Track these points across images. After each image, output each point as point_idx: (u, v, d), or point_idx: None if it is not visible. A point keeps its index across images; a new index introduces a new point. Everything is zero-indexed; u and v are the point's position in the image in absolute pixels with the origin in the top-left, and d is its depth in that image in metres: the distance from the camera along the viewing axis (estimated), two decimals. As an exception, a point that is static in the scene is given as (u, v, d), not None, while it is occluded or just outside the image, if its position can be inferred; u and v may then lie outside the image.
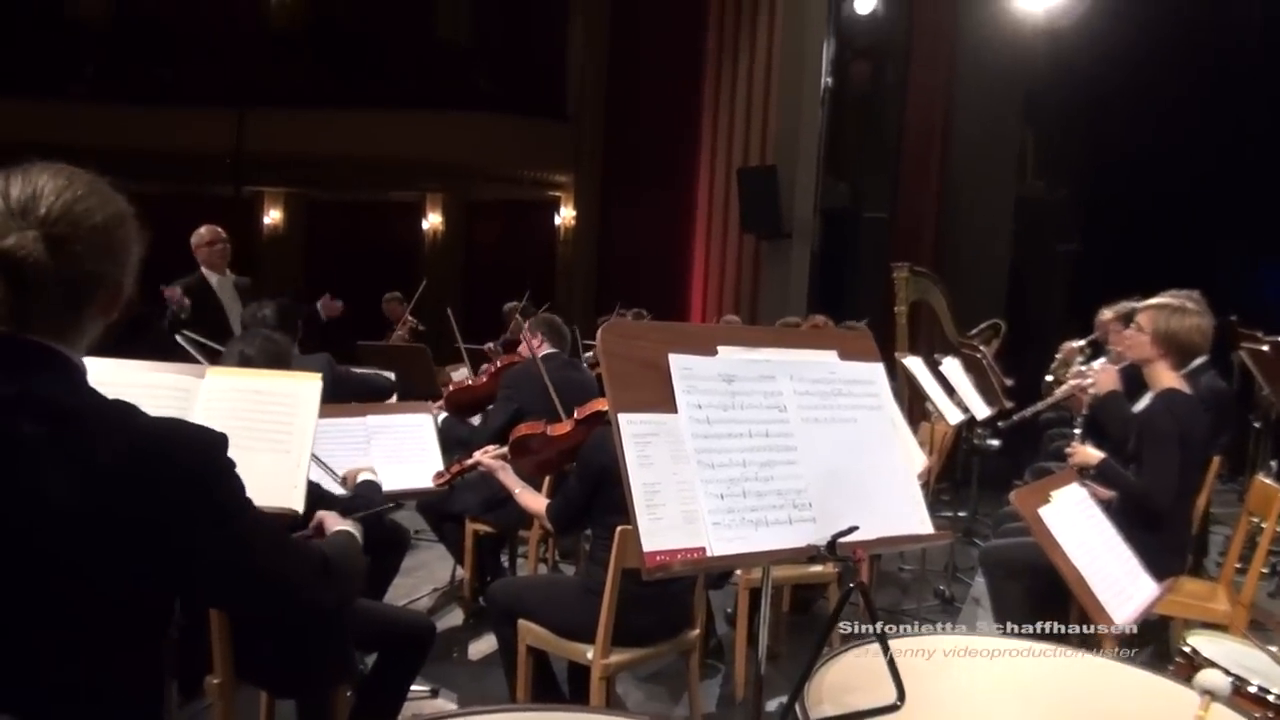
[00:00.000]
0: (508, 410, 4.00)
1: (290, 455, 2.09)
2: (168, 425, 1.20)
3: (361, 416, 3.24)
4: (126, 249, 1.23)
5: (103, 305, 1.22)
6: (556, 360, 4.20)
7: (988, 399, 5.22)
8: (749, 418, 1.50)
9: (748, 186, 9.75)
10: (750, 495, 1.45)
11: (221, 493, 1.21)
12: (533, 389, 3.77)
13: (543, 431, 3.09)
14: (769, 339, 1.62)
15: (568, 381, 3.92)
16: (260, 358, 2.47)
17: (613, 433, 1.39)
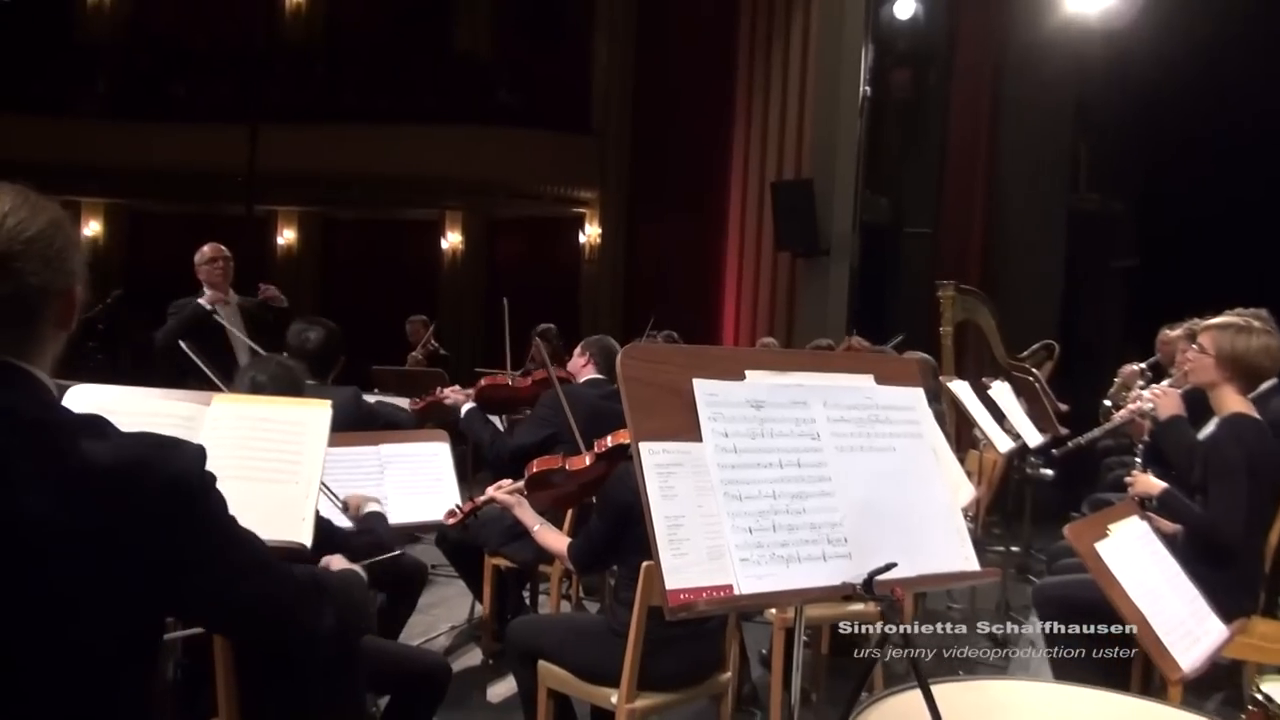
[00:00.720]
0: (541, 432, 3.98)
1: (298, 486, 2.10)
2: (142, 438, 1.21)
3: (374, 445, 3.26)
4: (67, 256, 1.24)
5: (57, 317, 1.24)
6: (600, 388, 4.18)
7: (1040, 425, 5.15)
8: (779, 446, 1.50)
9: (782, 201, 9.75)
10: (781, 529, 1.44)
11: (201, 506, 1.22)
12: (579, 413, 3.73)
13: (561, 466, 3.08)
14: (801, 362, 1.61)
15: (607, 412, 3.89)
16: (272, 385, 2.49)
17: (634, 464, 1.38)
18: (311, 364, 3.70)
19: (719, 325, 11.30)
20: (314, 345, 3.73)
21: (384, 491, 3.19)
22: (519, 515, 3.05)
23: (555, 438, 3.87)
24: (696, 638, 2.75)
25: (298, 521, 2.07)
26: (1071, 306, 9.24)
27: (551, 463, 3.12)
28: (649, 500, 1.35)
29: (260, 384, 2.50)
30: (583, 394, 4.01)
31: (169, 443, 1.23)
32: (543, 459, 3.17)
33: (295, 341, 3.75)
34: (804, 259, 9.86)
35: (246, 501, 2.10)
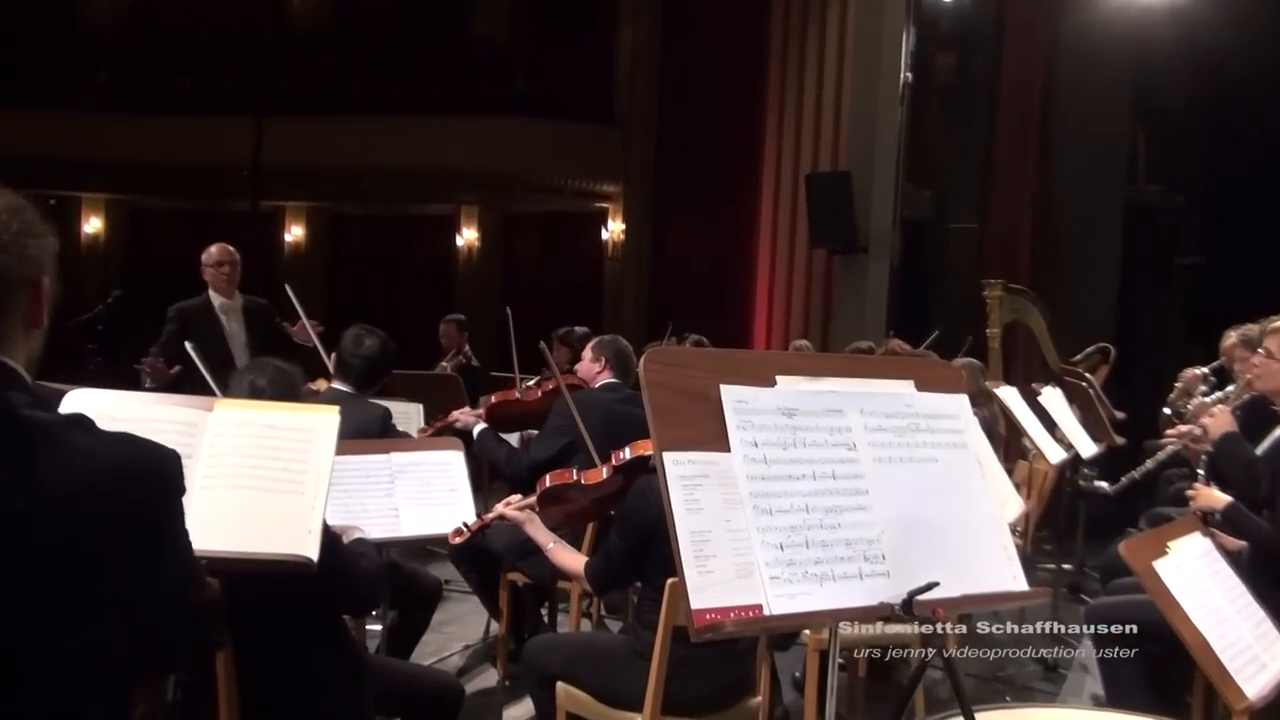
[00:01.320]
0: (557, 443, 3.98)
1: (304, 497, 2.11)
2: (122, 438, 1.23)
3: (385, 454, 3.28)
4: (25, 242, 1.23)
5: (27, 313, 1.24)
6: (616, 393, 4.18)
7: (1095, 435, 5.11)
8: (813, 457, 1.50)
9: (818, 195, 9.72)
10: (814, 546, 1.44)
11: (169, 514, 1.25)
12: (594, 421, 3.74)
13: (575, 480, 3.07)
14: (835, 367, 1.62)
15: (626, 419, 3.87)
16: (272, 389, 2.51)
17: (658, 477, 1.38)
18: (359, 374, 3.75)
19: (749, 327, 11.28)
20: (369, 354, 3.75)
21: (395, 502, 3.21)
22: (531, 533, 3.05)
23: (572, 447, 3.87)
24: (724, 660, 2.74)
25: (303, 535, 2.09)
26: (1129, 307, 9.14)
27: (564, 476, 3.11)
28: (673, 514, 1.35)
29: (260, 388, 2.52)
30: (598, 400, 4.01)
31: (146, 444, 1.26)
32: (555, 473, 3.17)
33: (352, 346, 3.77)
34: (841, 256, 9.82)
35: (251, 512, 2.14)
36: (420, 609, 3.68)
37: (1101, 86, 9.15)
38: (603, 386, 4.21)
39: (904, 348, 5.56)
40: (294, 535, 2.07)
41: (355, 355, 3.77)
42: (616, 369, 4.26)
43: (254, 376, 2.57)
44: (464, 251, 15.12)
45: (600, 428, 3.64)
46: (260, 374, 2.58)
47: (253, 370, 2.63)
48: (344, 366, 3.79)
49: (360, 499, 3.08)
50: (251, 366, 2.69)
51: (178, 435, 2.12)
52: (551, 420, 4.10)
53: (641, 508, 2.67)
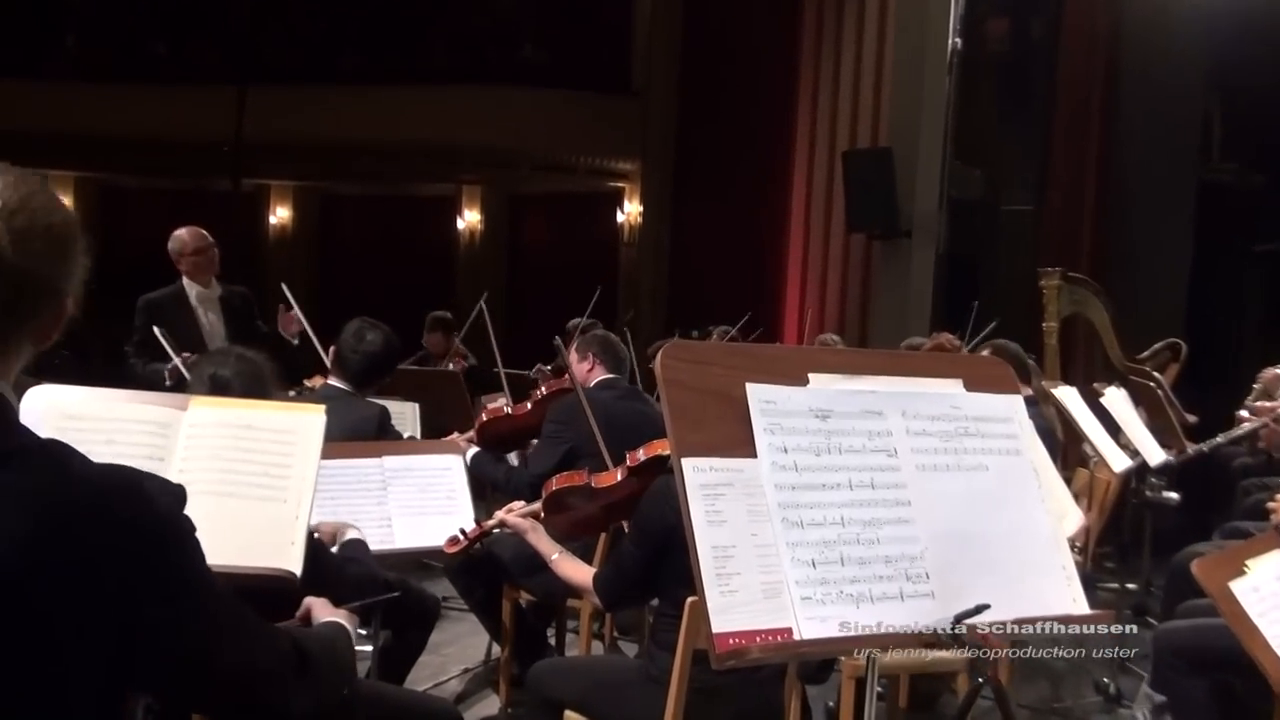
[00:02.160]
0: (557, 451, 3.99)
1: (287, 505, 2.11)
2: (111, 472, 1.21)
3: (377, 457, 3.28)
4: (75, 259, 1.25)
5: (44, 324, 1.25)
6: (614, 389, 4.19)
7: (1163, 440, 5.08)
8: (849, 464, 1.50)
9: (856, 174, 9.68)
10: (850, 563, 1.43)
11: (175, 560, 1.22)
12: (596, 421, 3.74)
13: (585, 483, 3.06)
14: (875, 364, 1.62)
15: (630, 416, 3.87)
16: (238, 382, 2.49)
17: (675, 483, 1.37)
18: (357, 371, 3.76)
19: (779, 319, 11.26)
20: (371, 349, 3.77)
21: (387, 510, 3.21)
22: (534, 543, 3.04)
23: (574, 454, 3.87)
24: (750, 687, 2.73)
25: (286, 546, 2.09)
26: (1202, 298, 9.07)
27: (574, 479, 3.10)
28: (693, 527, 1.35)
29: (223, 381, 2.48)
30: (595, 398, 4.01)
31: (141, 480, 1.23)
32: (563, 475, 3.16)
33: (353, 341, 3.78)
34: (881, 242, 9.79)
35: (228, 522, 2.14)
36: (416, 628, 3.67)
37: (1172, 53, 9.06)
38: (599, 385, 4.21)
39: (955, 343, 5.52)
40: (275, 547, 2.07)
41: (356, 351, 3.77)
42: (608, 362, 4.26)
43: (215, 368, 2.53)
44: (465, 235, 15.18)
45: (602, 428, 3.64)
46: (222, 365, 2.54)
47: (213, 361, 2.59)
48: (341, 362, 3.80)
49: (349, 507, 3.08)
50: (211, 357, 2.66)
51: (149, 437, 2.12)
52: (546, 428, 4.10)
53: (659, 510, 2.65)
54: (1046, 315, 7.43)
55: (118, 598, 1.17)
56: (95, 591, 1.15)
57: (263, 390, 2.47)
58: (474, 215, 15.17)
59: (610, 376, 4.24)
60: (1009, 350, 4.77)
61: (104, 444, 2.05)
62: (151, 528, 1.21)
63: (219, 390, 2.42)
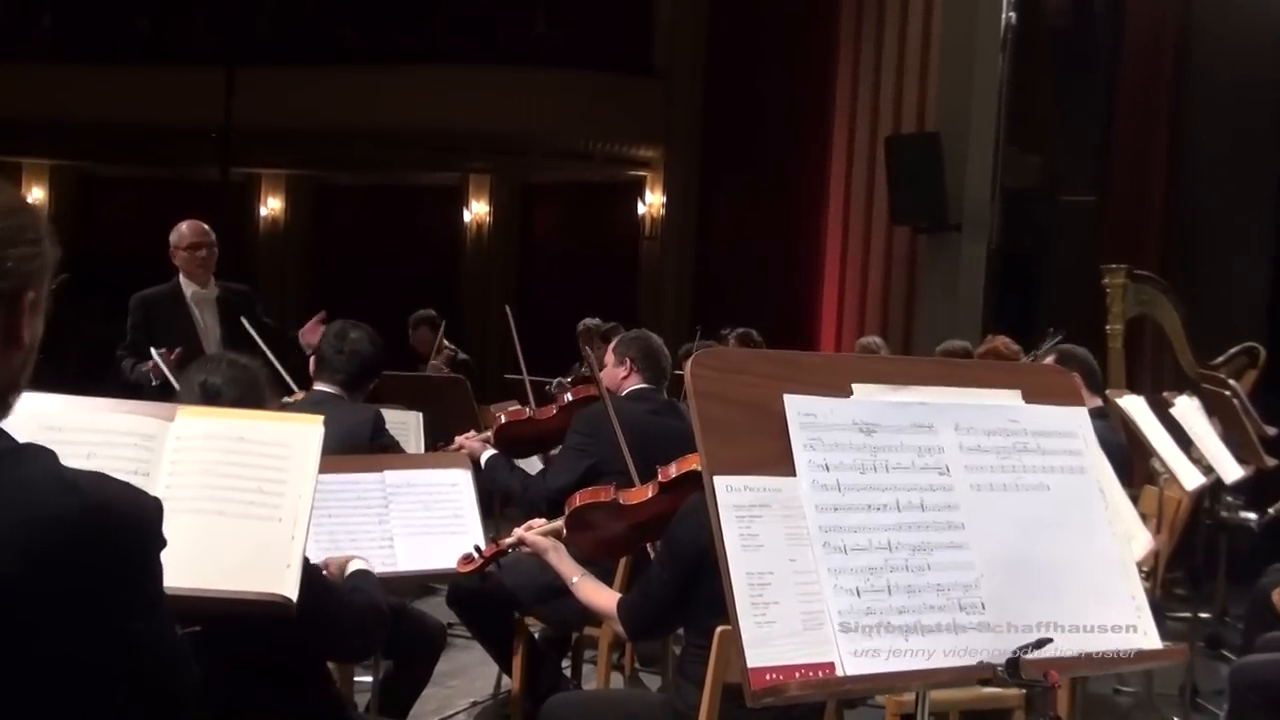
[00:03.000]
0: (580, 465, 3.98)
1: (281, 525, 2.12)
2: (89, 481, 1.23)
3: (378, 471, 3.30)
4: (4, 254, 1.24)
5: (3, 330, 1.25)
6: (648, 401, 4.17)
7: (1240, 454, 5.04)
8: (897, 483, 1.50)
9: (900, 161, 9.66)
10: (898, 591, 1.43)
11: (152, 570, 1.24)
12: (626, 438, 3.73)
13: (613, 500, 3.06)
14: (925, 373, 1.62)
15: (662, 432, 3.84)
16: (231, 390, 2.51)
17: (708, 502, 1.38)
18: (347, 373, 3.81)
19: (815, 322, 11.24)
20: (356, 349, 3.80)
21: (389, 530, 3.22)
22: (554, 564, 3.05)
23: (596, 470, 3.87)
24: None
25: (280, 569, 2.10)
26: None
27: (600, 495, 3.11)
28: (726, 551, 1.35)
29: (214, 390, 2.51)
30: (627, 410, 4.00)
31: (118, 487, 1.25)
32: (589, 490, 3.17)
33: (335, 342, 3.83)
34: (927, 236, 9.77)
35: (218, 542, 2.15)
36: (420, 658, 3.69)
37: (1251, 33, 8.99)
38: (630, 395, 4.20)
39: (1012, 348, 5.49)
40: (269, 570, 2.08)
41: (341, 352, 3.81)
42: (646, 372, 4.24)
43: (205, 375, 2.55)
44: (472, 229, 15.21)
45: (633, 444, 3.63)
46: (213, 371, 2.57)
47: (203, 368, 2.61)
48: (327, 366, 3.83)
49: (348, 526, 3.09)
50: (201, 363, 2.69)
51: (134, 451, 2.14)
52: (571, 439, 4.10)
53: (692, 531, 2.65)
54: (1110, 317, 7.39)
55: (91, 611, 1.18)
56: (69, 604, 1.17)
57: (257, 400, 2.49)
58: (481, 207, 15.21)
59: (645, 387, 4.22)
60: (1077, 357, 4.74)
61: (84, 458, 2.07)
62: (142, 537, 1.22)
63: (209, 399, 2.44)
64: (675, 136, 13.73)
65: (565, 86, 13.27)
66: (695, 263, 13.75)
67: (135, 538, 1.23)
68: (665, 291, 13.70)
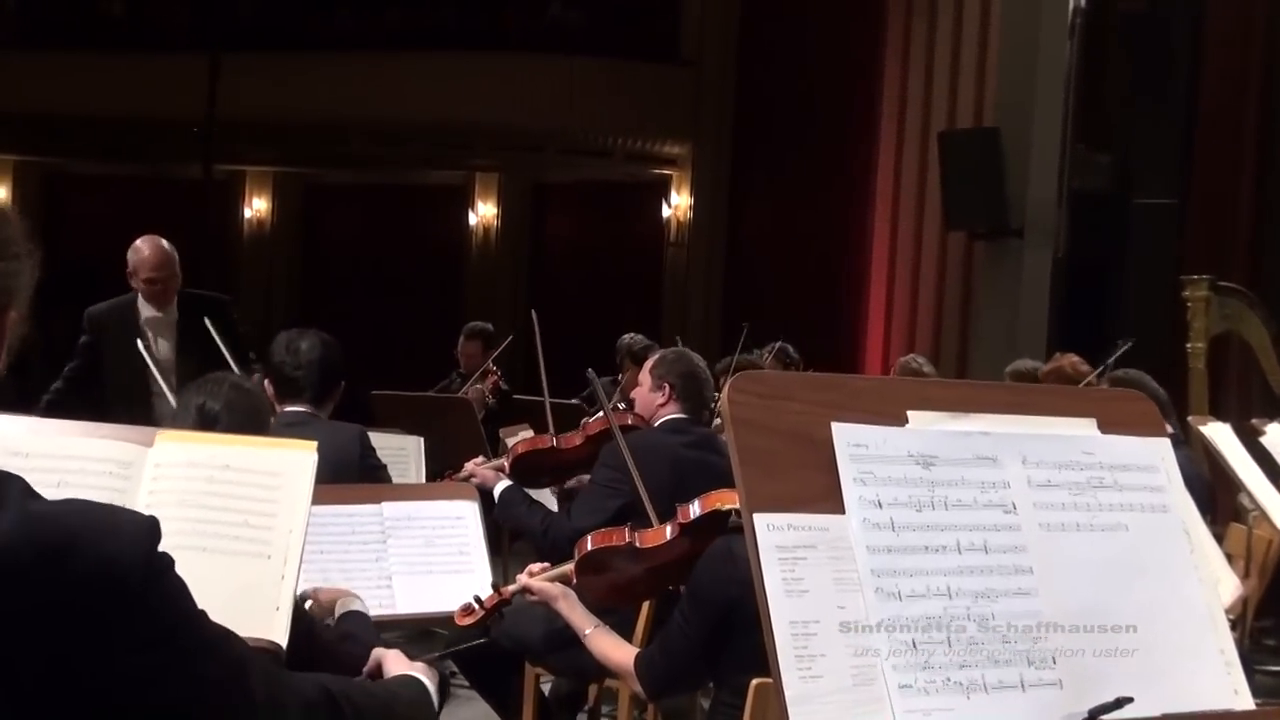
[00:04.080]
0: (610, 504, 3.95)
1: (271, 562, 2.13)
2: (66, 506, 1.23)
3: (375, 503, 3.31)
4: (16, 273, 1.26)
5: None
6: (685, 434, 4.14)
7: (1339, 490, 4.99)
8: (958, 522, 1.49)
9: (955, 160, 9.65)
10: (959, 644, 1.42)
11: (153, 599, 1.24)
12: (656, 474, 3.69)
13: (628, 542, 3.04)
14: (988, 399, 1.61)
15: (700, 471, 3.81)
16: (229, 416, 2.53)
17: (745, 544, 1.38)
18: (311, 384, 3.80)
19: (860, 338, 11.23)
20: (312, 357, 3.80)
21: (387, 568, 3.23)
22: (564, 613, 3.04)
23: (630, 510, 3.85)
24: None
25: (269, 612, 2.10)
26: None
27: (614, 537, 3.09)
28: (767, 597, 1.35)
29: (212, 415, 2.53)
30: (659, 444, 3.97)
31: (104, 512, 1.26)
32: (602, 532, 3.15)
33: (288, 356, 3.82)
34: (985, 242, 9.75)
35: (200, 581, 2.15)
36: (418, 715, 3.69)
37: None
38: (666, 425, 4.19)
39: (1080, 368, 5.47)
40: (257, 613, 2.09)
41: (298, 365, 3.80)
42: (685, 399, 4.22)
43: (205, 398, 2.59)
44: (478, 233, 15.28)
45: (667, 483, 3.60)
46: (213, 395, 2.60)
47: (202, 389, 2.65)
48: (288, 382, 3.82)
49: (342, 563, 3.11)
50: (201, 384, 2.71)
51: (107, 478, 2.15)
52: (600, 472, 4.07)
53: (719, 578, 2.65)
54: (1191, 334, 7.36)
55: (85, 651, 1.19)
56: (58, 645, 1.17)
57: (258, 429, 2.51)
58: (489, 209, 15.28)
59: (681, 418, 4.19)
60: (1142, 384, 4.70)
61: (54, 487, 2.08)
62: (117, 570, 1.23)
63: (206, 425, 2.47)
64: (704, 131, 13.77)
65: (582, 75, 13.31)
66: (726, 272, 13.77)
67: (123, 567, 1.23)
68: (692, 304, 13.73)
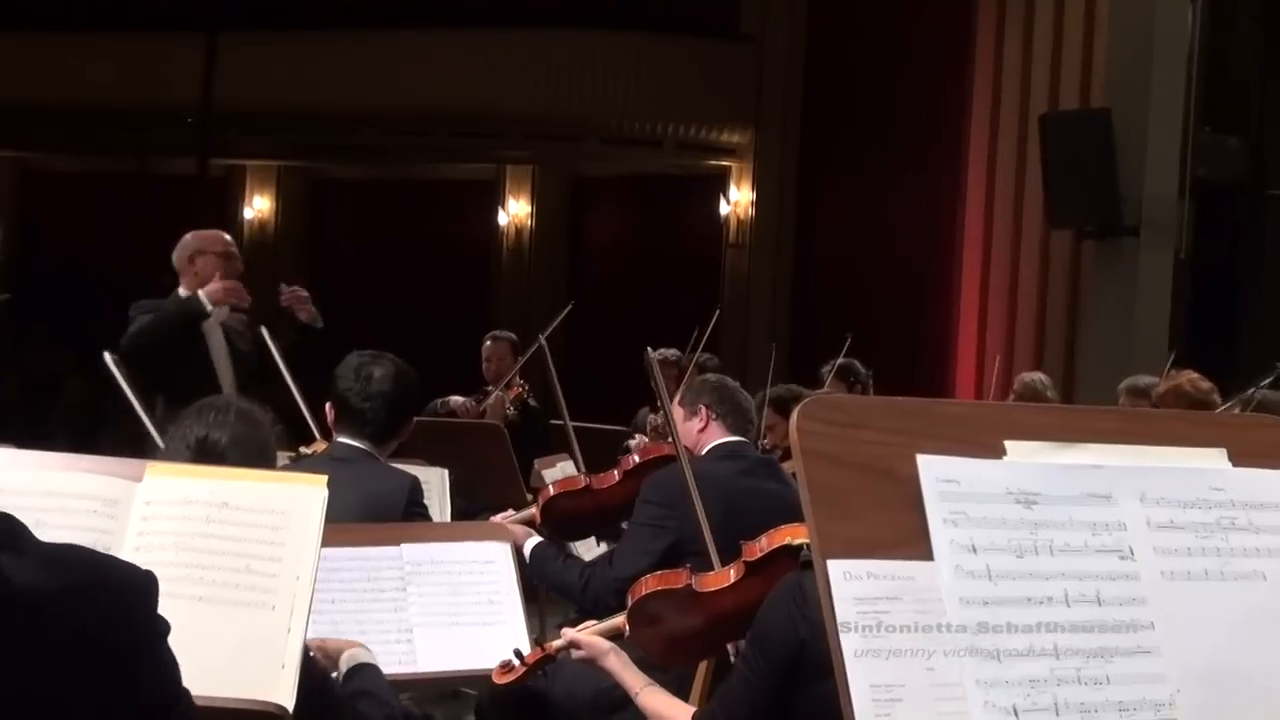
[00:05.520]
0: (657, 544, 3.96)
1: (275, 613, 2.15)
2: (63, 556, 1.25)
3: (394, 545, 3.32)
4: None
5: None
6: (738, 458, 4.15)
7: None
8: (1065, 570, 1.47)
9: (1059, 147, 9.59)
10: (1069, 710, 1.41)
11: (141, 668, 1.25)
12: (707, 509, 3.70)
13: (686, 585, 3.05)
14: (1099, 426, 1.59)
15: (755, 502, 3.83)
16: (234, 448, 2.55)
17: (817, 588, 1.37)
18: (377, 419, 3.86)
19: (948, 355, 11.17)
20: (383, 388, 3.85)
21: (407, 619, 3.24)
22: (614, 671, 3.05)
23: (679, 549, 3.85)
24: None
25: (272, 669, 2.12)
26: None
27: (670, 580, 3.10)
28: (844, 656, 1.34)
29: (214, 446, 2.55)
30: (710, 473, 3.97)
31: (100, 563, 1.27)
32: (658, 574, 3.16)
33: (357, 384, 3.87)
34: (1096, 241, 9.68)
35: (196, 636, 2.16)
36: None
37: None
38: (713, 453, 4.19)
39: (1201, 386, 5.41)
40: (259, 671, 2.10)
41: (366, 395, 3.84)
42: (728, 419, 4.23)
43: (207, 429, 2.60)
44: (508, 235, 15.30)
45: (719, 518, 3.61)
46: (217, 425, 2.61)
47: (203, 418, 2.66)
48: (351, 412, 3.87)
49: (356, 614, 3.11)
50: (201, 412, 2.72)
51: (91, 518, 2.18)
52: (642, 510, 4.08)
53: (787, 617, 2.63)
54: (1337, 348, 7.27)
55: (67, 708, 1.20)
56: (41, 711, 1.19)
57: (263, 457, 2.53)
58: (521, 206, 15.30)
59: (730, 440, 4.20)
60: None
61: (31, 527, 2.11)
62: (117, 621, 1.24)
63: (205, 455, 2.48)
64: (768, 117, 13.74)
65: (628, 54, 13.35)
66: (793, 277, 13.72)
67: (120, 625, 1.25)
68: (754, 313, 13.68)
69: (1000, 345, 10.62)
